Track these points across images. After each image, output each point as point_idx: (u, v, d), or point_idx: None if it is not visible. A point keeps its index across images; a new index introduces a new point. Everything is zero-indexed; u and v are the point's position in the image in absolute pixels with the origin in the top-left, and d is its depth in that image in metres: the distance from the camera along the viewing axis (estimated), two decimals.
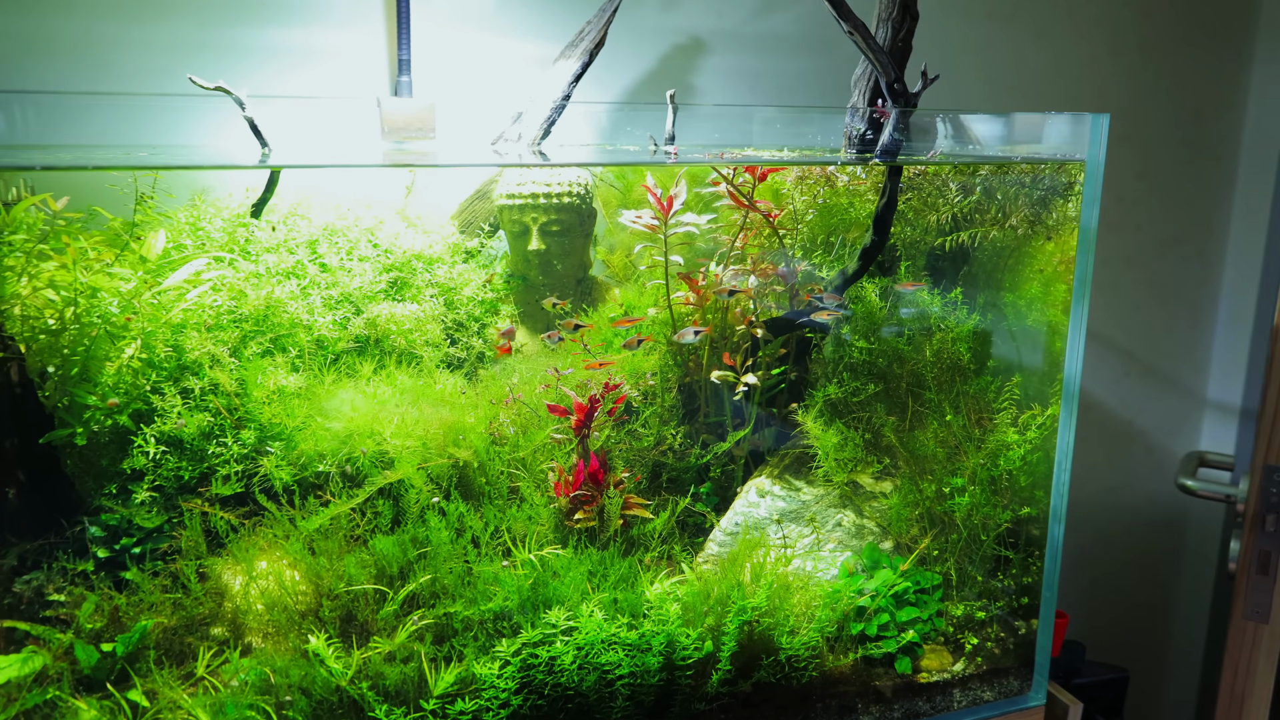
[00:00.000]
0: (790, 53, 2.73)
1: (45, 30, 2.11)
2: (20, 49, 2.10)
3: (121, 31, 2.16)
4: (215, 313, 1.80)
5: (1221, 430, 3.48)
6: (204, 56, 2.23)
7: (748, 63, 2.71)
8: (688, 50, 2.67)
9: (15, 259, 1.65)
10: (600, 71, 2.21)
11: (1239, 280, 3.37)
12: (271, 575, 1.66)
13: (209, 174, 2.07)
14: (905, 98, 1.79)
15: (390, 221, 2.11)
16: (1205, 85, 3.22)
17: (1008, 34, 2.91)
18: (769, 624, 1.83)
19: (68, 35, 2.12)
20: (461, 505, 1.79)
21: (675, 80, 2.64)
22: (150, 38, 2.18)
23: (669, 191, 2.00)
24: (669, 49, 2.65)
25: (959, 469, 2.02)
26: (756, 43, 2.69)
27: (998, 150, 1.98)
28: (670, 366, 2.07)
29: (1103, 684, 2.50)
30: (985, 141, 1.96)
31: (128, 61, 2.17)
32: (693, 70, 2.69)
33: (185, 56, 2.21)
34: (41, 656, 1.51)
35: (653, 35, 2.61)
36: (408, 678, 1.63)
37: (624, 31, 2.52)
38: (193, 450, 1.73)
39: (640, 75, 2.63)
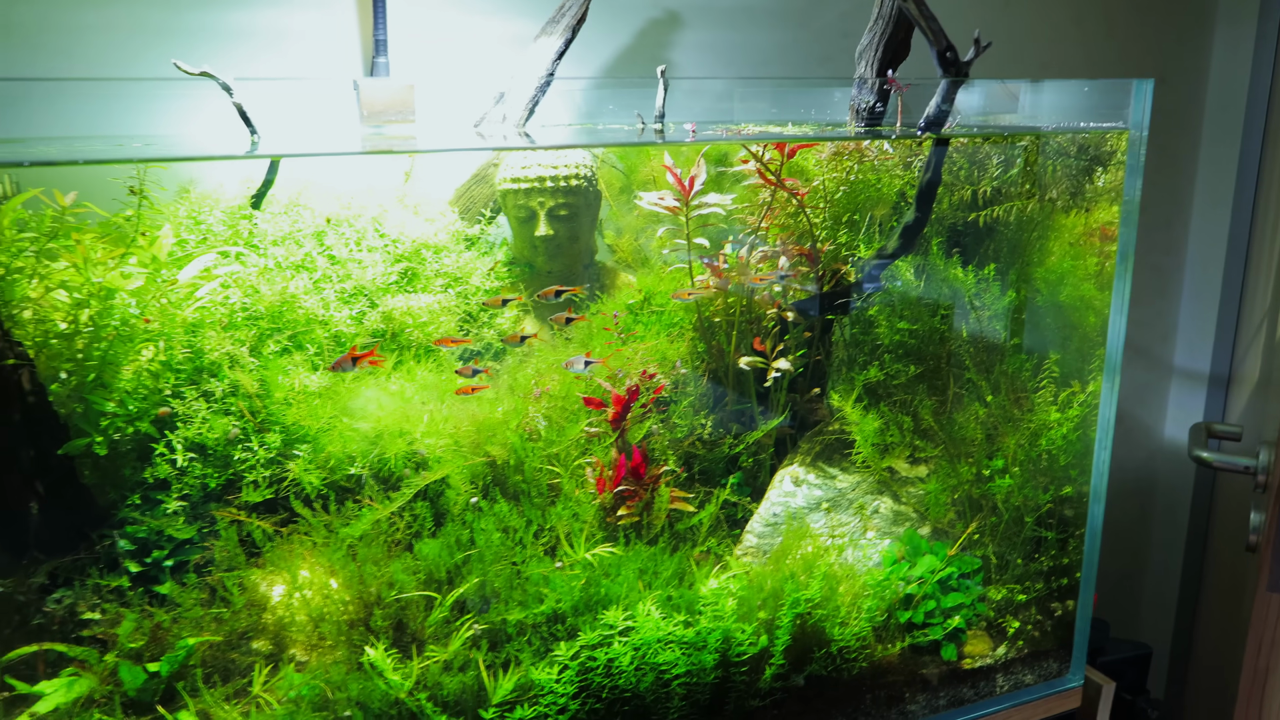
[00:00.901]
0: (766, 25, 2.93)
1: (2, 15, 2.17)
2: None
3: (82, 17, 2.22)
4: (229, 310, 1.90)
5: (1189, 398, 3.82)
6: (169, 41, 2.30)
7: (724, 36, 2.90)
8: (664, 25, 2.84)
9: (24, 259, 1.73)
10: (577, 48, 2.36)
11: (1205, 248, 3.70)
12: (314, 585, 1.77)
13: (192, 166, 2.16)
14: (956, 66, 1.98)
15: (392, 209, 2.22)
16: (1169, 50, 3.53)
17: (972, 3, 3.16)
18: (821, 616, 2.02)
19: (25, 21, 2.17)
20: (503, 504, 1.93)
21: (652, 55, 2.81)
22: (112, 22, 2.24)
23: (688, 171, 2.16)
24: (645, 24, 2.82)
25: (998, 450, 2.23)
26: (732, 16, 2.88)
27: (1034, 121, 2.19)
28: (698, 354, 2.24)
29: (1127, 661, 2.76)
30: (1019, 111, 2.17)
31: (90, 48, 2.23)
32: (669, 45, 2.86)
33: (149, 41, 2.28)
34: (86, 680, 1.60)
35: (629, 10, 2.77)
36: (466, 686, 1.76)
37: (600, 7, 2.66)
38: (217, 456, 1.83)
39: (617, 51, 2.79)
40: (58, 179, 1.93)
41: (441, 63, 2.57)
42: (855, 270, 2.26)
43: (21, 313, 1.75)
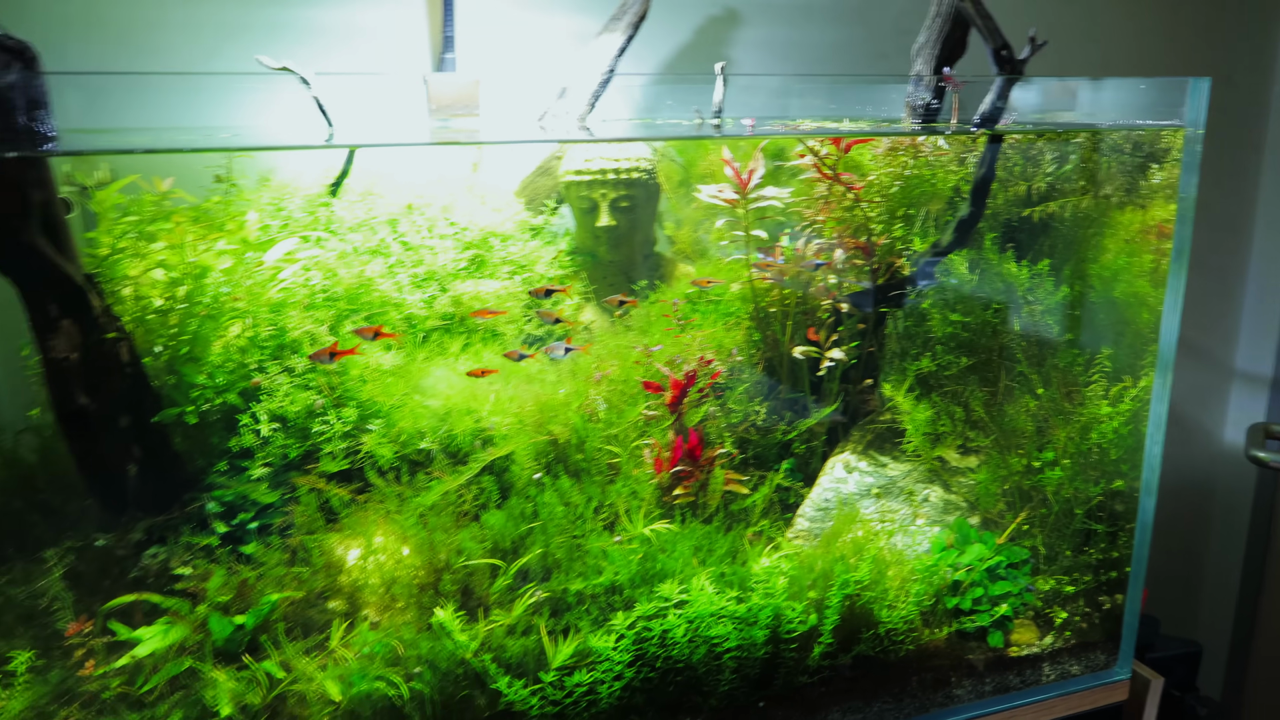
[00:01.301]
0: (823, 23, 3.10)
1: (92, 13, 2.40)
2: (67, 32, 2.39)
3: (167, 14, 2.45)
4: (310, 291, 2.11)
5: (1250, 401, 3.92)
6: (248, 36, 2.53)
7: (781, 33, 3.07)
8: (723, 22, 3.02)
9: (126, 240, 1.95)
10: (637, 45, 2.54)
11: (1269, 248, 3.80)
12: (387, 550, 1.97)
13: (271, 156, 2.37)
14: (1012, 64, 2.14)
15: (460, 199, 2.42)
16: (1235, 47, 3.63)
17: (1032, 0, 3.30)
18: (870, 598, 2.18)
19: (117, 18, 2.41)
20: (566, 481, 2.11)
21: (711, 52, 2.99)
22: (197, 18, 2.47)
23: (747, 166, 2.33)
24: (705, 21, 3.00)
25: (1048, 443, 2.38)
26: (790, 13, 3.05)
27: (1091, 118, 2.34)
28: (753, 343, 2.41)
29: (1177, 658, 2.88)
30: (1076, 108, 2.32)
31: (176, 42, 2.46)
32: (728, 42, 3.04)
33: (230, 36, 2.51)
34: (180, 628, 1.81)
35: (689, 7, 2.96)
36: (527, 650, 1.95)
37: (661, 4, 2.85)
38: (298, 428, 2.04)
39: (677, 48, 2.97)
40: (149, 166, 2.15)
41: (507, 58, 2.77)
42: (910, 264, 2.43)
43: (121, 290, 1.97)
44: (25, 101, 1.76)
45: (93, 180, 2.12)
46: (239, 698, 1.80)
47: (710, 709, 2.10)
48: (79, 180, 2.13)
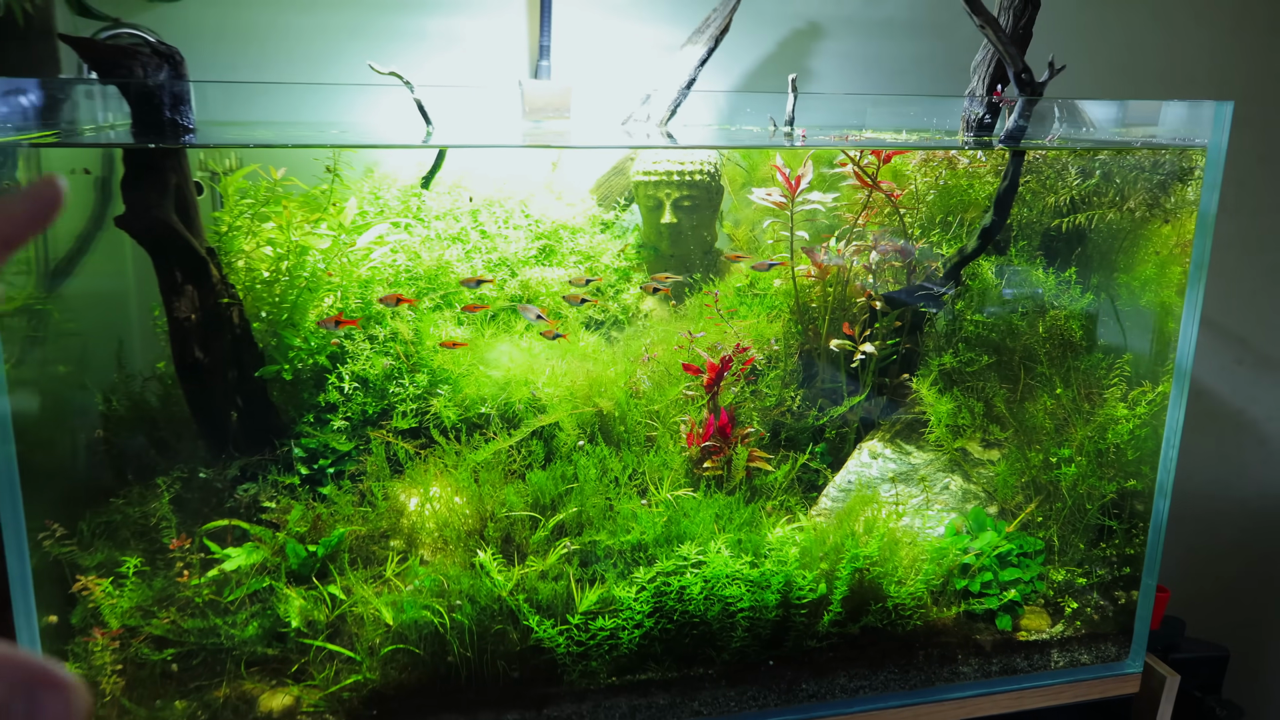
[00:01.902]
0: (905, 37, 3.22)
1: (233, 22, 2.74)
2: (210, 36, 2.73)
3: (300, 20, 2.77)
4: (395, 270, 2.39)
5: None
6: (364, 41, 2.83)
7: (863, 47, 3.21)
8: (805, 35, 3.18)
9: (242, 220, 2.26)
10: (722, 56, 2.72)
11: None
12: (442, 499, 2.24)
13: (376, 150, 2.67)
14: (1031, 86, 2.27)
15: (538, 194, 2.67)
16: None
17: (1123, 16, 3.35)
18: (878, 573, 2.34)
19: (257, 25, 2.74)
20: (604, 448, 2.34)
21: (792, 64, 3.16)
22: (323, 25, 2.79)
23: (796, 171, 2.51)
24: (788, 34, 3.17)
25: (1066, 440, 2.49)
26: (872, 27, 3.19)
27: (1117, 135, 2.44)
28: (793, 334, 2.59)
29: (1202, 660, 2.93)
30: (1105, 127, 2.42)
31: (305, 46, 2.78)
32: (809, 54, 3.20)
33: (349, 41, 2.82)
34: (262, 551, 2.11)
35: (773, 21, 3.13)
36: (557, 594, 2.19)
37: (745, 17, 3.03)
38: (376, 389, 2.32)
39: (759, 59, 3.15)
40: (270, 157, 2.47)
41: (598, 65, 3.00)
42: (943, 266, 2.56)
43: (236, 262, 2.29)
44: (170, 98, 2.08)
45: (223, 167, 2.45)
46: (307, 614, 2.10)
47: (723, 663, 2.31)
48: (211, 167, 2.46)
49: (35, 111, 1.98)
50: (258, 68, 2.77)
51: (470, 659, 2.16)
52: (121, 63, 2.05)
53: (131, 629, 2.03)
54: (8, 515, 1.84)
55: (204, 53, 2.71)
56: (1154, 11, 3.40)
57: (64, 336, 2.35)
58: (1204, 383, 3.81)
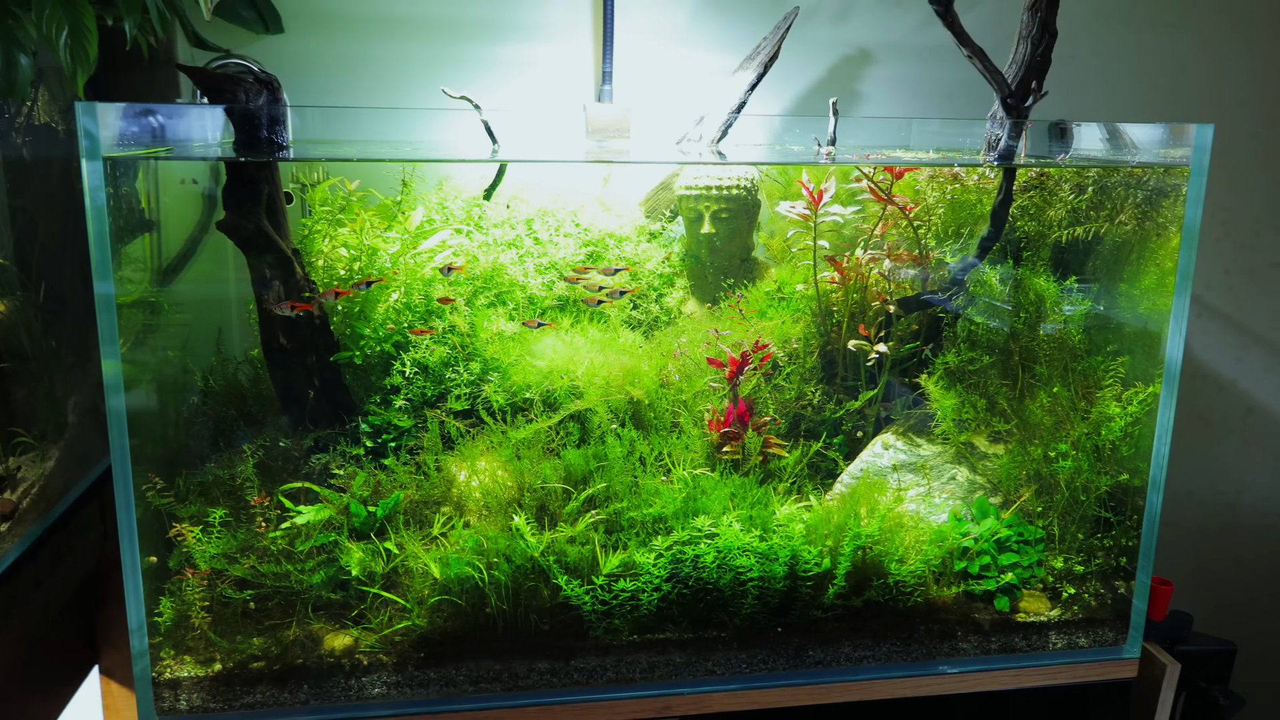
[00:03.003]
0: (952, 62, 3.35)
1: (327, 49, 3.05)
2: (307, 64, 3.05)
3: (387, 49, 3.07)
4: (455, 272, 2.67)
5: None
6: (442, 67, 3.12)
7: (911, 71, 3.38)
8: (855, 61, 3.37)
9: (321, 225, 2.56)
10: (775, 80, 2.93)
11: None
12: (487, 471, 2.49)
13: (447, 165, 2.95)
14: (1017, 111, 2.44)
15: (588, 206, 2.92)
16: None
17: (1170, 42, 3.45)
18: (880, 551, 2.52)
19: (350, 53, 3.05)
20: (634, 432, 2.57)
21: (842, 88, 3.34)
22: (406, 54, 3.09)
23: (820, 186, 2.71)
24: (838, 60, 3.36)
25: (1064, 436, 2.63)
26: (920, 53, 3.35)
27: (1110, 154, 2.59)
28: (813, 334, 2.79)
29: (1209, 654, 3.00)
30: (1110, 147, 2.57)
31: (391, 72, 3.09)
32: (859, 79, 3.39)
33: (428, 67, 3.11)
34: (328, 510, 2.39)
35: (823, 48, 3.32)
36: (583, 558, 2.41)
37: (797, 44, 3.24)
38: (435, 374, 2.59)
39: (810, 84, 3.35)
40: (351, 170, 2.77)
41: (657, 89, 3.24)
42: (950, 274, 2.73)
43: (316, 261, 2.59)
44: (268, 119, 2.38)
45: (311, 179, 2.76)
46: (365, 565, 2.37)
47: (734, 627, 2.50)
48: (301, 179, 2.77)
49: (159, 130, 2.29)
50: (348, 91, 3.08)
51: (506, 612, 2.40)
52: (227, 89, 2.34)
53: (218, 571, 2.33)
54: (119, 471, 2.15)
55: (302, 79, 3.04)
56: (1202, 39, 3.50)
57: (173, 326, 2.68)
58: (1218, 379, 3.88)
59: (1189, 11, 3.46)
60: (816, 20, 3.28)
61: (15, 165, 2.55)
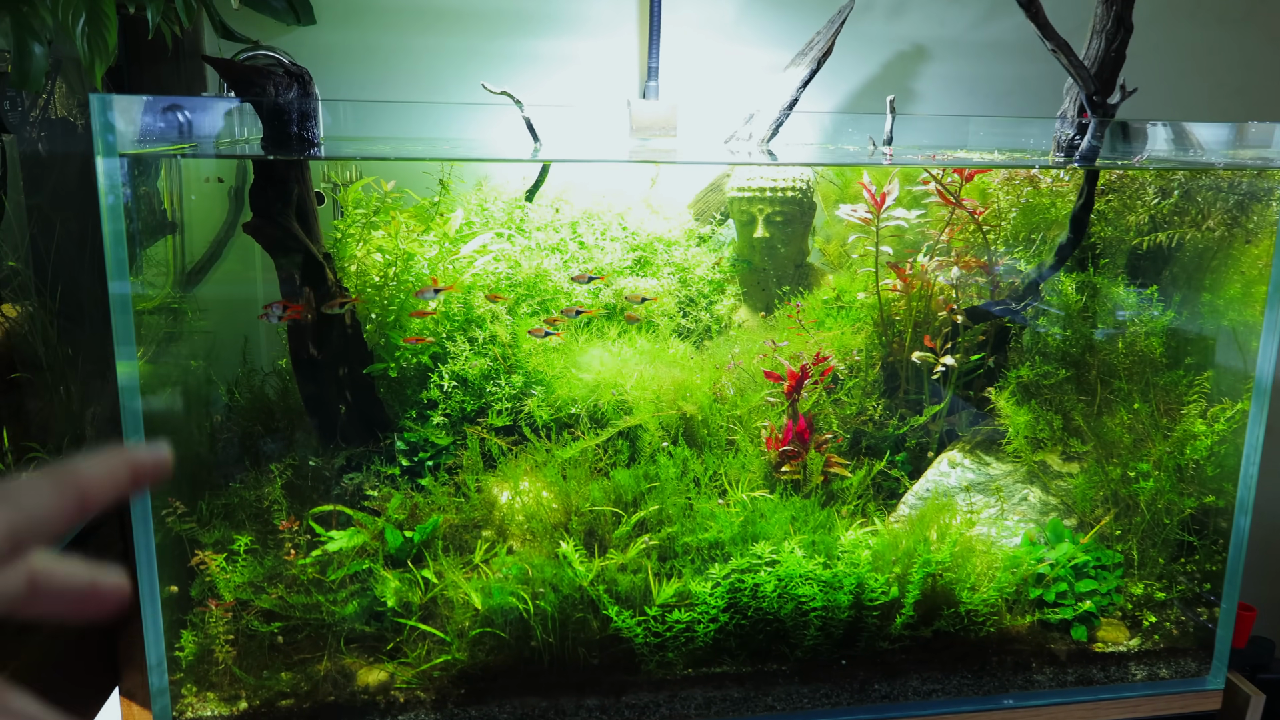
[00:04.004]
0: (1009, 59, 3.15)
1: (360, 41, 2.84)
2: (339, 56, 2.84)
3: (423, 42, 2.85)
4: (496, 278, 2.44)
5: None
6: (480, 61, 2.90)
7: (967, 68, 3.15)
8: (910, 57, 3.14)
9: (355, 228, 2.34)
10: (826, 77, 2.70)
11: None
12: (531, 493, 2.27)
13: (486, 164, 2.73)
14: (1103, 109, 2.21)
15: (636, 208, 2.69)
16: None
17: (1238, 38, 3.21)
18: (951, 579, 2.29)
19: (384, 45, 2.83)
20: (686, 450, 2.35)
21: (896, 85, 3.12)
22: (443, 47, 2.87)
23: (883, 189, 2.48)
24: (892, 56, 3.13)
25: (1145, 454, 2.40)
26: (977, 49, 3.13)
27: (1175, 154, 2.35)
28: (875, 345, 2.56)
29: None
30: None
31: (428, 65, 2.87)
32: (913, 76, 3.16)
33: (467, 62, 2.89)
34: (362, 535, 2.17)
35: (877, 43, 3.10)
36: (635, 586, 2.20)
37: (851, 40, 3.01)
38: (475, 388, 2.37)
39: (864, 80, 3.12)
40: (385, 170, 2.55)
41: (706, 85, 3.01)
42: (1022, 283, 2.50)
43: (349, 266, 2.37)
44: (298, 115, 2.16)
45: (344, 179, 2.54)
46: (402, 595, 2.15)
47: (795, 660, 2.29)
48: (333, 178, 2.55)
49: (183, 126, 2.08)
50: (382, 86, 2.87)
51: (552, 644, 2.19)
52: (256, 82, 2.13)
53: (243, 602, 2.11)
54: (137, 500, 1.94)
55: (334, 72, 2.82)
56: (1271, 35, 3.26)
57: (196, 334, 2.46)
58: None
59: (1257, 7, 3.23)
60: (870, 15, 3.05)
61: (31, 162, 2.35)
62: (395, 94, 2.89)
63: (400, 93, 2.89)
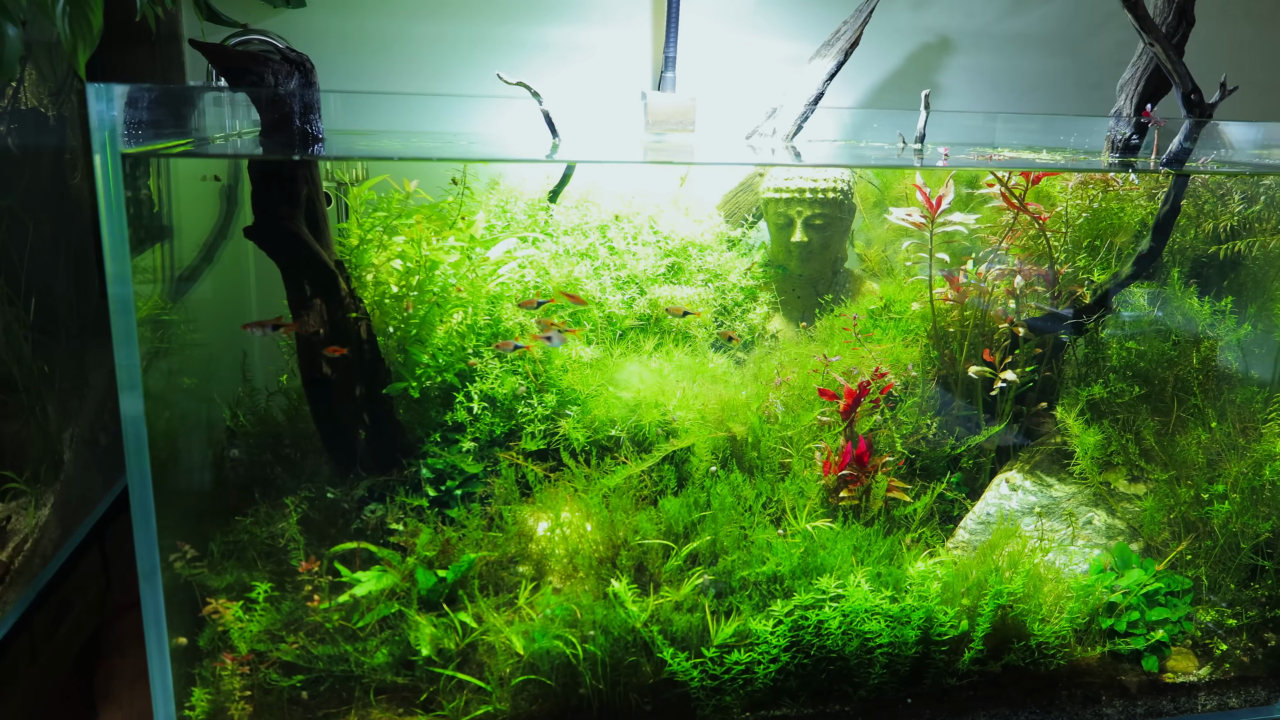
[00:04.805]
0: (1035, 52, 2.99)
1: (359, 27, 2.57)
2: (336, 43, 2.57)
3: (424, 28, 2.60)
4: (524, 287, 2.20)
5: None
6: (487, 50, 2.66)
7: (992, 61, 2.99)
8: (934, 49, 2.96)
9: (375, 233, 2.09)
10: (846, 70, 2.52)
11: None
12: (572, 525, 2.04)
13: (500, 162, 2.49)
14: (1201, 108, 2.04)
15: (666, 210, 2.47)
16: None
17: (1266, 35, 3.08)
18: (1022, 610, 2.11)
19: (383, 32, 2.57)
20: (738, 475, 2.14)
21: (921, 78, 2.94)
22: (448, 33, 2.62)
23: (937, 191, 2.29)
24: (917, 48, 2.95)
25: (1219, 476, 2.24)
26: (1003, 42, 2.96)
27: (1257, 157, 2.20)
28: (930, 360, 2.37)
29: None
30: (1242, 149, 2.18)
31: (430, 54, 2.62)
32: (938, 68, 2.98)
33: (472, 50, 2.64)
34: (391, 576, 1.93)
35: (902, 35, 2.91)
36: (692, 626, 1.98)
37: (874, 30, 2.81)
38: (504, 409, 2.13)
39: (886, 73, 2.93)
40: (393, 168, 2.30)
41: (724, 78, 2.80)
42: (1090, 293, 2.33)
43: (365, 276, 2.11)
44: (301, 107, 1.90)
45: (350, 177, 2.28)
46: (437, 642, 1.91)
47: (859, 699, 2.09)
48: (338, 177, 2.29)
49: (168, 118, 1.82)
50: (380, 75, 2.61)
51: (603, 691, 1.96)
52: (252, 69, 1.88)
53: (260, 654, 1.86)
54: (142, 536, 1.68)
55: (327, 59, 2.54)
56: None
57: (188, 348, 2.19)
58: None
59: None
60: (894, 4, 2.86)
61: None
62: (393, 84, 2.63)
63: (399, 83, 2.64)
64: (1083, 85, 3.01)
